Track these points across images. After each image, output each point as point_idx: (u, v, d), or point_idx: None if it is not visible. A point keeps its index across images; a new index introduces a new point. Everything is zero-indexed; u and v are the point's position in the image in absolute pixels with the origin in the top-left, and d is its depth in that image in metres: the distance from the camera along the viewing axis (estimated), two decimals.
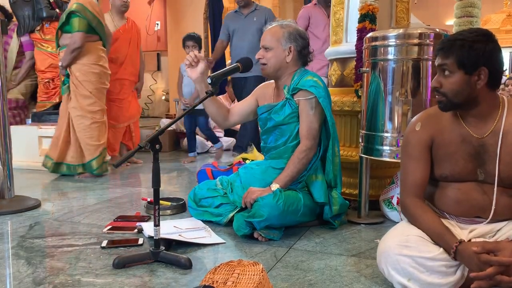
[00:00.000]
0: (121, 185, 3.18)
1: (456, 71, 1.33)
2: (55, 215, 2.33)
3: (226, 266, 1.28)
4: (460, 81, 1.33)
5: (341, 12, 2.59)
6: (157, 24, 7.36)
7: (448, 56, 1.33)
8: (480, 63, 1.30)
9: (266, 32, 2.13)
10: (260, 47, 2.13)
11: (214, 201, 2.16)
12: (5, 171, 2.52)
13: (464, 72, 1.32)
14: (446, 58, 1.33)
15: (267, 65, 2.10)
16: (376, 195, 2.35)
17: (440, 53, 1.35)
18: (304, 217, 2.00)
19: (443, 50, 1.34)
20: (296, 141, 2.07)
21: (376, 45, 2.05)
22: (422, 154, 1.45)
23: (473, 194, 1.40)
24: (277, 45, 2.08)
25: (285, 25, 2.11)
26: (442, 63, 1.35)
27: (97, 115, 3.42)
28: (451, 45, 1.32)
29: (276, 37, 2.08)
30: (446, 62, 1.33)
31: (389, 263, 1.35)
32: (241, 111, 2.29)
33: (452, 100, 1.35)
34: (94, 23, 3.35)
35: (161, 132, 1.60)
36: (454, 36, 1.35)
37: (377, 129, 2.06)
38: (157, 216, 1.60)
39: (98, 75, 3.43)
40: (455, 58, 1.32)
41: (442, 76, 1.36)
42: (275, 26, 2.13)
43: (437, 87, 1.37)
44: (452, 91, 1.34)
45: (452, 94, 1.34)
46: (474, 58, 1.30)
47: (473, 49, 1.30)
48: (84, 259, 1.69)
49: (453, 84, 1.34)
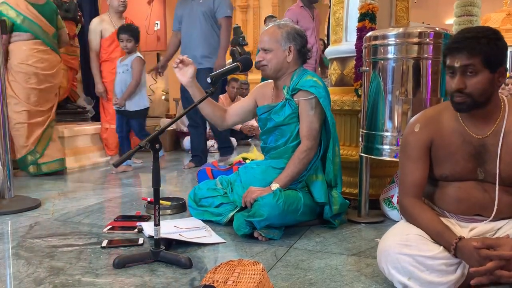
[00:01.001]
0: (121, 184, 3.18)
1: (482, 70, 1.27)
2: (55, 215, 2.33)
3: (226, 266, 1.28)
4: (486, 80, 1.28)
5: (341, 11, 2.59)
6: (156, 24, 7.36)
7: (473, 55, 1.26)
8: (503, 61, 1.28)
9: (264, 33, 2.12)
10: (259, 50, 2.13)
11: (214, 200, 2.16)
12: (5, 171, 2.52)
13: (490, 70, 1.28)
14: (471, 58, 1.26)
15: (268, 66, 2.08)
16: (376, 194, 2.35)
17: (464, 53, 1.27)
18: (304, 216, 2.00)
19: (467, 50, 1.27)
20: (296, 141, 2.07)
21: (376, 44, 2.05)
22: (421, 155, 1.44)
23: (474, 192, 1.39)
24: (277, 46, 2.07)
25: (283, 25, 2.11)
26: (467, 63, 1.27)
27: (21, 117, 3.30)
28: (476, 43, 1.26)
29: (275, 38, 2.08)
30: (472, 62, 1.26)
31: (389, 262, 1.35)
32: (239, 111, 2.29)
33: (477, 100, 1.30)
34: (18, 21, 3.24)
35: (161, 132, 1.61)
36: (472, 34, 1.28)
37: (377, 128, 2.06)
38: (157, 215, 1.60)
39: (25, 75, 3.30)
40: (482, 56, 1.26)
41: (465, 76, 1.29)
42: (272, 27, 2.12)
43: (462, 88, 1.29)
44: (478, 90, 1.28)
45: (477, 94, 1.29)
46: (500, 56, 1.27)
47: (498, 47, 1.26)
48: (84, 259, 1.69)
49: (479, 84, 1.28)
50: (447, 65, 1.33)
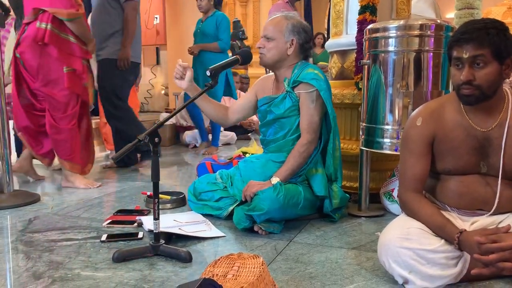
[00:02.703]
0: (120, 179, 3.18)
1: (491, 61, 1.26)
2: (55, 209, 2.33)
3: (226, 259, 1.28)
4: (495, 71, 1.27)
5: (341, 3, 2.57)
6: (156, 18, 7.33)
7: (483, 45, 1.24)
8: (510, 52, 1.27)
9: (270, 21, 2.10)
10: (262, 36, 2.11)
11: (214, 194, 2.15)
12: (4, 166, 2.51)
13: (499, 62, 1.26)
14: (480, 48, 1.25)
15: (266, 55, 2.07)
16: (377, 188, 2.34)
17: (473, 43, 1.26)
18: (304, 210, 2.00)
19: (476, 40, 1.25)
20: (296, 134, 2.06)
21: (376, 36, 2.03)
22: (423, 149, 1.43)
23: (476, 187, 1.38)
24: (279, 36, 2.06)
25: (290, 17, 2.09)
26: (476, 54, 1.25)
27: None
28: (485, 34, 1.24)
29: (279, 28, 2.06)
30: (481, 52, 1.25)
31: (390, 255, 1.34)
32: (241, 107, 2.28)
33: (486, 92, 1.28)
34: None
35: (160, 125, 1.59)
36: (481, 25, 1.26)
37: (377, 122, 2.05)
38: (156, 210, 1.59)
39: None
40: (492, 47, 1.24)
41: (473, 68, 1.27)
42: (279, 17, 2.10)
43: (471, 80, 1.27)
44: (488, 82, 1.27)
45: (487, 86, 1.27)
46: (509, 47, 1.26)
47: (507, 38, 1.25)
48: (83, 253, 1.69)
49: (488, 75, 1.26)
50: (454, 57, 1.31)
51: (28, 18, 2.66)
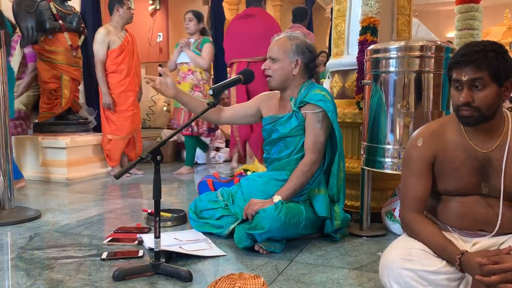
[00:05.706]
0: (121, 196, 3.17)
1: (490, 84, 1.27)
2: (55, 226, 2.32)
3: (227, 279, 1.27)
4: (494, 93, 1.28)
5: (343, 24, 2.60)
6: (159, 35, 7.41)
7: (481, 68, 1.26)
8: (509, 74, 1.28)
9: (274, 43, 2.12)
10: (267, 58, 2.13)
11: (215, 213, 2.15)
12: (5, 182, 2.51)
13: (497, 84, 1.27)
14: (479, 71, 1.26)
15: (273, 77, 2.09)
16: (378, 207, 2.34)
17: (471, 66, 1.27)
18: (305, 229, 1.99)
19: (475, 63, 1.26)
20: (300, 153, 2.07)
21: (377, 57, 2.06)
22: (424, 170, 1.43)
23: (477, 208, 1.38)
24: (284, 57, 2.08)
25: (293, 37, 2.11)
26: (475, 77, 1.26)
27: None
28: (484, 57, 1.26)
29: (284, 49, 2.08)
30: (480, 75, 1.26)
31: (391, 276, 1.33)
32: (237, 111, 2.29)
33: (485, 114, 1.29)
34: None
35: (163, 144, 1.60)
36: (480, 47, 1.27)
37: (379, 141, 2.05)
38: (157, 227, 1.59)
39: None
40: (490, 70, 1.25)
41: (472, 90, 1.28)
42: (283, 37, 2.12)
43: (470, 102, 1.28)
44: (487, 104, 1.28)
45: (485, 108, 1.28)
46: (508, 70, 1.27)
47: (505, 60, 1.26)
48: (84, 271, 1.68)
49: (487, 98, 1.27)
50: (454, 79, 1.32)
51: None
